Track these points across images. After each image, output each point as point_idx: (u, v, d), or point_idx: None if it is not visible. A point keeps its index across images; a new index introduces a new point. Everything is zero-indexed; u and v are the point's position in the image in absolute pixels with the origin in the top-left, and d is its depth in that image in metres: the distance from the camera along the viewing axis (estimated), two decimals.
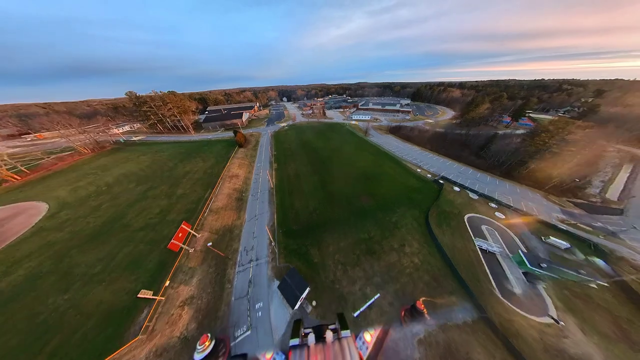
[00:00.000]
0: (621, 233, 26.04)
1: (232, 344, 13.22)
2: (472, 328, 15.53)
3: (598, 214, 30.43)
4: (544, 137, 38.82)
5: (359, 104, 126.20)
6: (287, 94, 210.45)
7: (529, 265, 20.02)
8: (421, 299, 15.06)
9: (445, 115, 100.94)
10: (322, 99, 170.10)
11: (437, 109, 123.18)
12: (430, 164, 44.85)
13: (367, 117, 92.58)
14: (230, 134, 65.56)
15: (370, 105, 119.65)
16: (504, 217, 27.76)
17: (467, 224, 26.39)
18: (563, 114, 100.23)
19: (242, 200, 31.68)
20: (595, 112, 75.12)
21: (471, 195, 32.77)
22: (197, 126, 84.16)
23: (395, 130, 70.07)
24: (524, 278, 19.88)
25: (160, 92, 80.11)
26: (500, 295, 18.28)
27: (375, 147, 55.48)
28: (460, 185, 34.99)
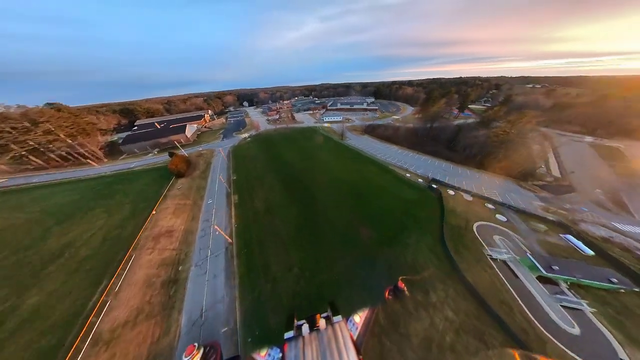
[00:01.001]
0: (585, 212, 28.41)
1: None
2: None
3: (560, 194, 33.52)
4: (504, 128, 41.60)
5: (328, 105, 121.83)
6: (248, 97, 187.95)
7: (542, 270, 17.86)
8: (400, 278, 15.74)
9: (407, 111, 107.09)
10: (288, 101, 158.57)
11: (398, 105, 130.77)
12: (414, 164, 43.03)
13: (339, 118, 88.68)
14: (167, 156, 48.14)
15: (339, 106, 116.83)
16: (505, 219, 26.62)
17: (478, 236, 23.88)
18: (484, 103, 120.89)
19: (177, 285, 17.84)
20: (511, 101, 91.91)
21: (465, 196, 31.33)
22: (114, 151, 60.77)
23: (370, 130, 67.93)
24: (543, 288, 17.54)
25: (40, 107, 54.14)
26: (551, 337, 15.05)
27: (356, 152, 50.81)
28: (452, 187, 33.39)
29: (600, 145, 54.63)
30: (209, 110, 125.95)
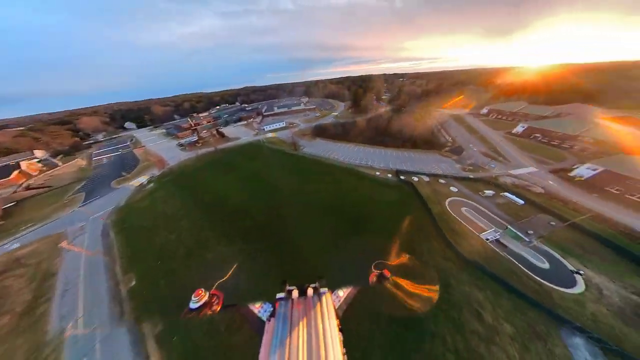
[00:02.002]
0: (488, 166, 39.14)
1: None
2: None
3: (459, 154, 44.84)
4: (419, 113, 51.00)
5: (263, 111, 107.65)
6: (133, 115, 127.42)
7: (523, 237, 21.11)
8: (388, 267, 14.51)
9: (340, 107, 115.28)
10: (207, 113, 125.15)
11: (331, 102, 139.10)
12: (374, 159, 43.96)
13: (282, 124, 79.42)
14: None
15: (276, 110, 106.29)
16: (456, 190, 30.81)
17: (452, 212, 25.76)
18: (385, 94, 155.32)
19: None
20: (403, 91, 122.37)
21: (424, 179, 34.34)
22: None
23: (320, 132, 64.89)
24: (527, 248, 20.84)
25: None
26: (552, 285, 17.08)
27: (319, 162, 44.57)
28: (414, 173, 35.80)
29: (453, 115, 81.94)
30: (38, 151, 66.78)
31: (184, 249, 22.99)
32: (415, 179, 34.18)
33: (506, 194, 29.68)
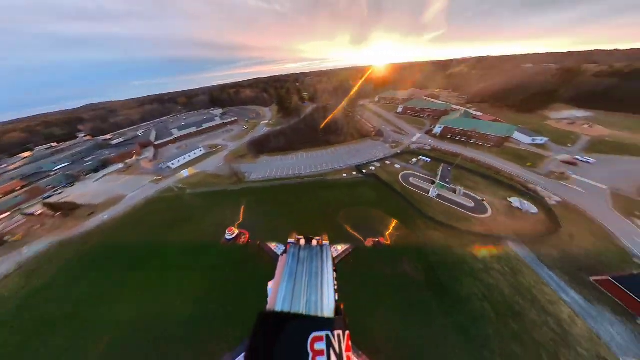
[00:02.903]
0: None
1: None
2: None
3: (379, 137, 58.78)
4: (347, 109, 58.35)
5: (152, 139, 72.32)
6: None
7: (447, 185, 31.48)
8: (386, 234, 22.68)
9: (266, 113, 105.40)
10: (16, 168, 62.94)
11: (253, 109, 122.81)
12: (333, 161, 44.81)
13: (199, 151, 58.54)
14: None
15: (177, 133, 75.72)
16: (398, 166, 39.65)
17: (406, 185, 33.10)
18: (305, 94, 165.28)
19: None
20: (320, 89, 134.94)
21: (376, 164, 40.64)
22: None
23: (260, 148, 55.39)
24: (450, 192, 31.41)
25: None
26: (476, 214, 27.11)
27: (285, 188, 36.75)
28: (370, 164, 40.86)
29: (360, 105, 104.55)
30: None
31: None
32: (372, 168, 39.45)
33: (421, 157, 42.62)
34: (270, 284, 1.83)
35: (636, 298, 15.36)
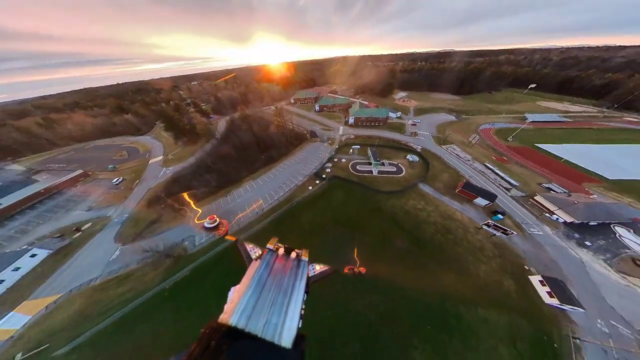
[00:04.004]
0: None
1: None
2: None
3: (319, 137, 63.66)
4: (278, 119, 54.38)
5: None
6: None
7: (379, 162, 41.92)
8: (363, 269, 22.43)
9: (154, 146, 69.97)
10: None
11: (110, 145, 75.04)
12: (289, 180, 41.14)
13: (30, 263, 28.35)
14: None
15: None
16: (344, 160, 45.80)
17: (360, 174, 40.09)
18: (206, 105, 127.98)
19: None
20: (219, 97, 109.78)
21: (329, 165, 43.93)
22: None
23: (179, 202, 37.40)
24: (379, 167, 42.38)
25: None
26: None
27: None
28: (323, 168, 42.85)
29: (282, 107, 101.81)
30: None
31: None
32: (328, 170, 42.06)
33: (354, 146, 51.85)
34: (234, 289, 1.62)
35: (471, 192, 32.16)
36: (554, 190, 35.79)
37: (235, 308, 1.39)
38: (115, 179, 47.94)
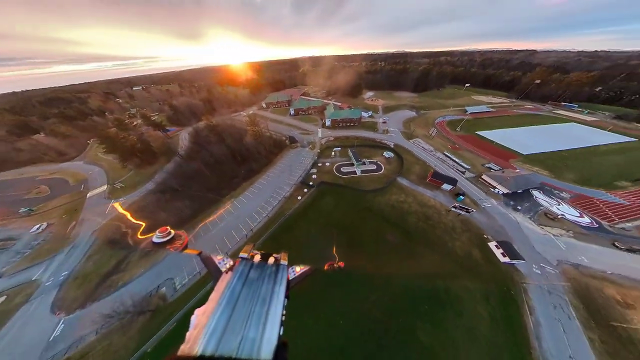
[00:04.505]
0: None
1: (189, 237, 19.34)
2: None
3: (299, 142, 62.71)
4: (253, 128, 50.64)
5: None
6: None
7: (360, 162, 44.46)
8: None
9: (93, 173, 55.51)
10: None
11: (19, 179, 56.14)
12: (275, 192, 39.40)
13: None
14: None
15: None
16: (328, 163, 46.63)
17: (341, 175, 41.70)
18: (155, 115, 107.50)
19: None
20: (176, 106, 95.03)
21: (314, 170, 44.02)
22: None
23: (136, 240, 31.11)
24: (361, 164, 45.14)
25: None
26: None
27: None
28: (309, 175, 42.58)
29: (252, 115, 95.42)
30: None
31: None
32: (314, 176, 42.06)
33: (335, 149, 53.25)
34: (198, 313, 1.45)
35: (438, 180, 37.60)
36: (492, 169, 45.14)
37: (202, 333, 1.24)
38: (36, 227, 35.88)
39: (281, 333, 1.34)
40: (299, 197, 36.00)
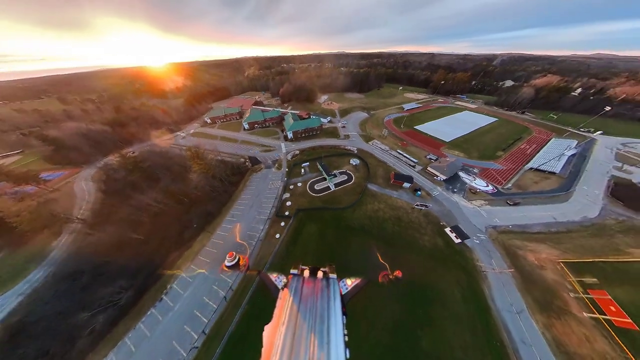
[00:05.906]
0: None
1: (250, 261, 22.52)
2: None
3: (262, 162, 55.89)
4: (199, 162, 40.15)
5: None
6: None
7: (332, 175, 44.14)
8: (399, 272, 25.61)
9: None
10: None
11: None
12: (248, 234, 32.90)
13: None
14: None
15: None
16: (300, 184, 43.74)
17: (318, 195, 40.39)
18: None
19: None
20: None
21: (291, 187, 40.18)
22: None
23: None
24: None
25: None
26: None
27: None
28: (282, 208, 38.25)
29: (194, 134, 77.56)
30: None
31: None
32: (288, 203, 38.15)
33: (303, 164, 50.44)
34: (267, 329, 1.24)
35: (399, 180, 42.28)
36: (432, 159, 55.17)
37: (272, 352, 0.99)
38: None
39: (348, 356, 1.01)
40: (277, 235, 31.17)
